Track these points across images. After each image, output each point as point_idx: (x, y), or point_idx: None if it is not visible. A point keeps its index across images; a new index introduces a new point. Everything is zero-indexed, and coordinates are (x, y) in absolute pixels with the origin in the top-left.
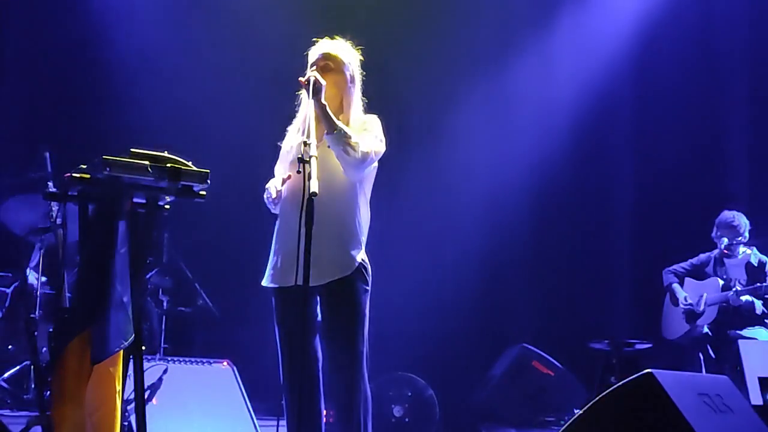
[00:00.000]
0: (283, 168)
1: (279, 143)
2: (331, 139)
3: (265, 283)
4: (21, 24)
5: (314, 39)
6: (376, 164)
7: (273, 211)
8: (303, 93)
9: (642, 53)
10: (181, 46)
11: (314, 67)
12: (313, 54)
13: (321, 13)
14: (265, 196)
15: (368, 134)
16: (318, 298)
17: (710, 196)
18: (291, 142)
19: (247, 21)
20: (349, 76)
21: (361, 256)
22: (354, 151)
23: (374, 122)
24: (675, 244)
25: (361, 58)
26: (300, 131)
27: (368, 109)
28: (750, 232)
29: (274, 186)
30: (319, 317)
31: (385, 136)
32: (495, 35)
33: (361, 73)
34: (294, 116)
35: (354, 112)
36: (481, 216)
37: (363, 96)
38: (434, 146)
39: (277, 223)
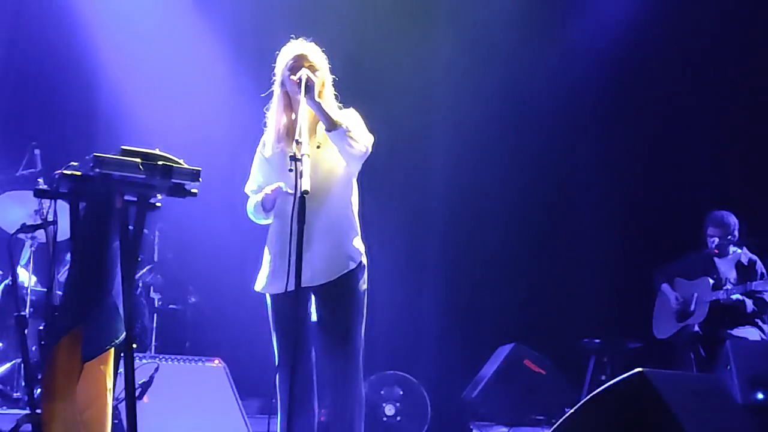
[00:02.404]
0: (263, 176)
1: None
2: (333, 136)
3: (260, 288)
4: (12, 22)
5: (291, 36)
6: None
7: (262, 221)
8: (275, 97)
9: (630, 52)
10: (174, 45)
11: (293, 67)
12: (286, 56)
13: (314, 12)
14: (252, 207)
15: (357, 126)
16: (314, 298)
17: (701, 196)
18: (269, 151)
19: (240, 20)
20: (323, 77)
21: (360, 252)
22: (358, 144)
23: (357, 115)
24: (666, 243)
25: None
26: (277, 137)
27: (359, 106)
28: (740, 230)
29: (263, 193)
30: (314, 316)
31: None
32: (482, 34)
33: (332, 76)
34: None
35: (333, 110)
36: (473, 214)
37: (354, 95)
38: (426, 144)
39: (271, 226)
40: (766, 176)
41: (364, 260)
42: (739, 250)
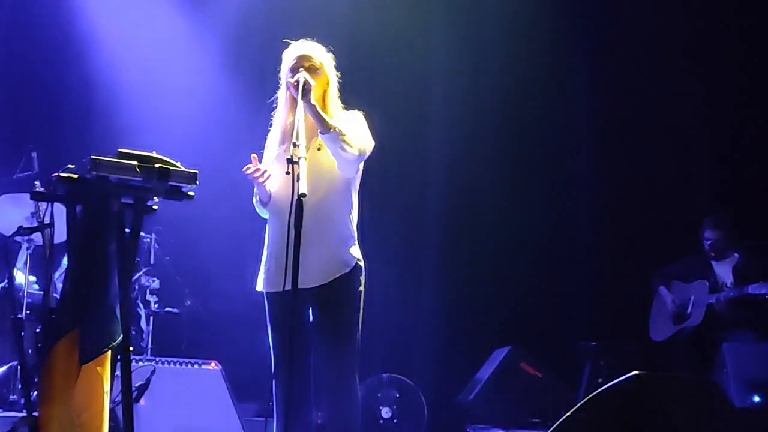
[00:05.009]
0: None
1: (261, 151)
2: (326, 139)
3: (259, 288)
4: (8, 24)
5: (285, 40)
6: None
7: (264, 213)
8: (279, 97)
9: (627, 50)
10: (171, 46)
11: (300, 69)
12: (289, 56)
13: (310, 13)
14: (254, 200)
15: (358, 130)
16: (312, 299)
17: (698, 198)
18: (274, 150)
19: (237, 21)
20: (327, 76)
21: (356, 254)
22: (351, 148)
23: (360, 118)
24: (663, 246)
25: (334, 61)
26: (282, 138)
27: (358, 106)
28: (737, 233)
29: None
30: (311, 318)
31: (371, 131)
32: (480, 33)
33: (337, 74)
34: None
35: (336, 111)
36: (470, 216)
37: (348, 94)
38: (423, 145)
39: (268, 226)
40: (764, 178)
41: (361, 263)
42: (737, 254)
